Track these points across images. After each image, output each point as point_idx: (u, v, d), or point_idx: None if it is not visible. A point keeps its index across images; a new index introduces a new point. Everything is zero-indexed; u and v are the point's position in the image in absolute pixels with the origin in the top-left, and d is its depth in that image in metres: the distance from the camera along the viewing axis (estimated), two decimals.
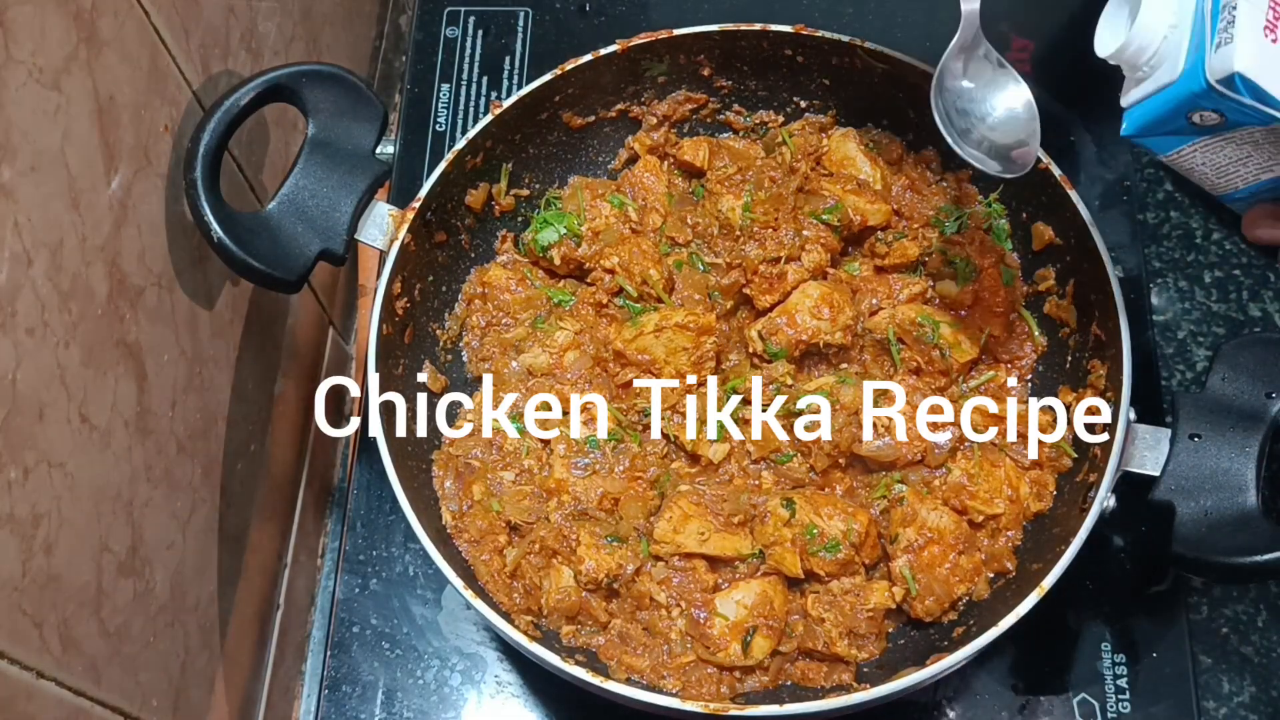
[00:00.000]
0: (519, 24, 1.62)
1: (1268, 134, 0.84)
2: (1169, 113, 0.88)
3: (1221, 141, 0.87)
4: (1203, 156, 0.90)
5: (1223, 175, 0.91)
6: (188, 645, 1.13)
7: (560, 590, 1.15)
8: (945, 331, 1.24)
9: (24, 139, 0.85)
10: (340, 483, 1.54)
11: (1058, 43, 1.53)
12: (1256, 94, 0.82)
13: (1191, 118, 0.87)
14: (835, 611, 1.14)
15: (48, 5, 0.89)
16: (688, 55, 1.36)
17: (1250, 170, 0.89)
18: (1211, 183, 0.93)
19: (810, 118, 1.39)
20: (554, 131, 1.37)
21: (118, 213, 1.00)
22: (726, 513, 1.17)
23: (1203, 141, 0.88)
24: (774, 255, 1.25)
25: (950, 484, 1.18)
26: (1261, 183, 0.89)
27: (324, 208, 1.20)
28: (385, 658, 1.27)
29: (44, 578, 0.88)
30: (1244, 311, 1.41)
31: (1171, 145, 0.90)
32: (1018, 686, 1.23)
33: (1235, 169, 0.90)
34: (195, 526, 1.15)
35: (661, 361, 1.23)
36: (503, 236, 1.37)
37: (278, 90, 1.18)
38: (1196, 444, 1.07)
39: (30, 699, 0.86)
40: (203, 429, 1.17)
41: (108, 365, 0.98)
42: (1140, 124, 0.90)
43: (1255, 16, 0.81)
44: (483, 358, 1.30)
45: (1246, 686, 1.24)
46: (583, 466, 1.22)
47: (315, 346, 1.51)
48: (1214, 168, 0.91)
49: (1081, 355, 1.22)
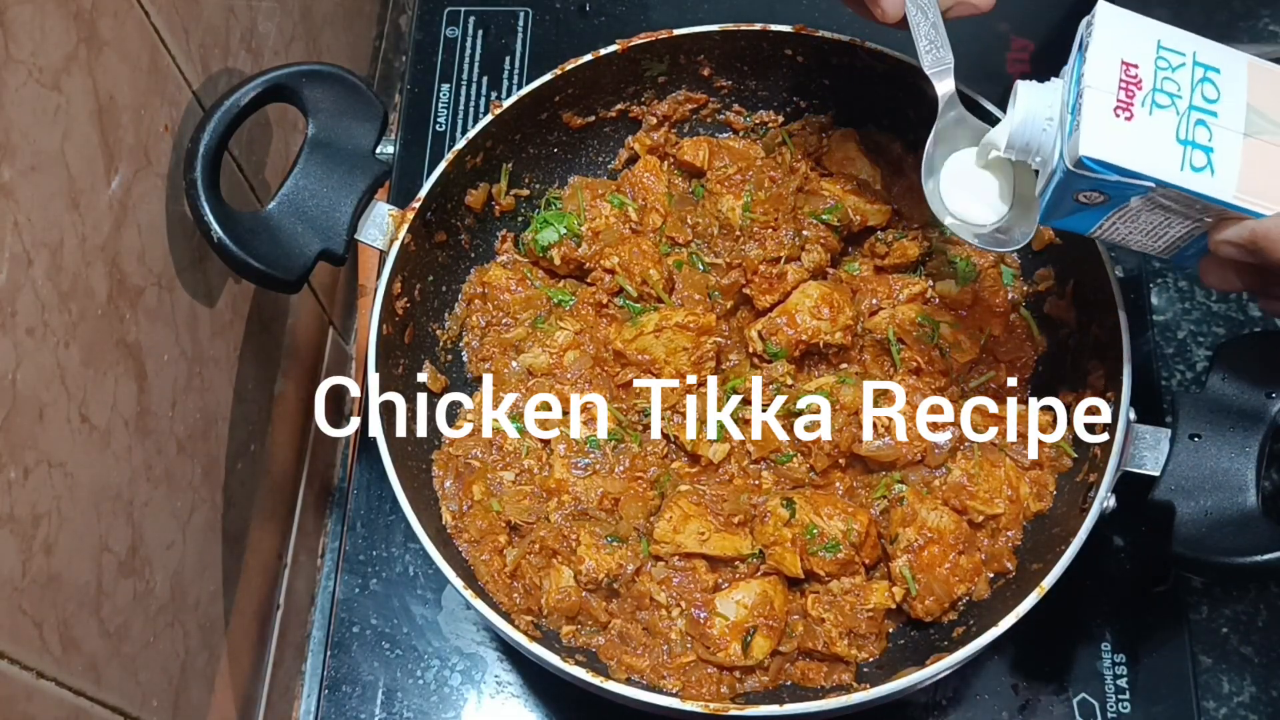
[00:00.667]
0: (519, 24, 1.62)
1: (1163, 195, 0.90)
2: (1060, 197, 0.96)
3: (1130, 211, 0.94)
4: (1125, 226, 0.97)
5: (1158, 239, 0.96)
6: (188, 645, 1.13)
7: (560, 590, 1.15)
8: (945, 331, 1.24)
9: (24, 139, 0.86)
10: (340, 483, 1.54)
11: (1058, 43, 1.53)
12: (1115, 170, 0.91)
13: (1079, 198, 0.95)
14: (835, 611, 1.14)
15: (48, 5, 0.89)
16: (688, 55, 1.36)
17: (1178, 231, 0.94)
18: (1154, 248, 0.98)
19: (810, 118, 1.39)
20: (554, 131, 1.37)
21: (118, 213, 1.00)
22: (726, 513, 1.17)
23: (1114, 214, 0.94)
24: (774, 255, 1.25)
25: (950, 484, 1.18)
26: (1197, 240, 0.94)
27: (324, 208, 1.20)
28: (385, 658, 1.27)
29: (44, 578, 0.88)
30: (1244, 311, 1.41)
31: (1089, 223, 0.99)
32: (1018, 686, 1.23)
33: (1164, 231, 0.96)
34: (195, 526, 1.15)
35: (661, 361, 1.23)
36: (503, 236, 1.37)
37: (278, 90, 1.18)
38: (1196, 444, 1.07)
39: (30, 699, 0.86)
40: (203, 429, 1.17)
41: (108, 365, 0.98)
42: (1047, 211, 0.99)
43: (1104, 100, 0.91)
44: (483, 358, 1.30)
45: (1246, 686, 1.24)
46: (583, 466, 1.22)
47: (315, 346, 1.51)
48: (1146, 234, 0.97)
49: (1081, 355, 1.22)
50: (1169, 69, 0.93)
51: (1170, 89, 0.92)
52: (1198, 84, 0.93)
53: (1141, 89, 0.92)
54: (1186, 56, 0.94)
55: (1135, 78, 0.92)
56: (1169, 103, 0.92)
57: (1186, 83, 0.93)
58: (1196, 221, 0.94)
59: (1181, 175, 0.90)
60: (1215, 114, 0.92)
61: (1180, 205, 0.92)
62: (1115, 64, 0.92)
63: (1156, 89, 0.92)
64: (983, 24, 1.14)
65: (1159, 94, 0.92)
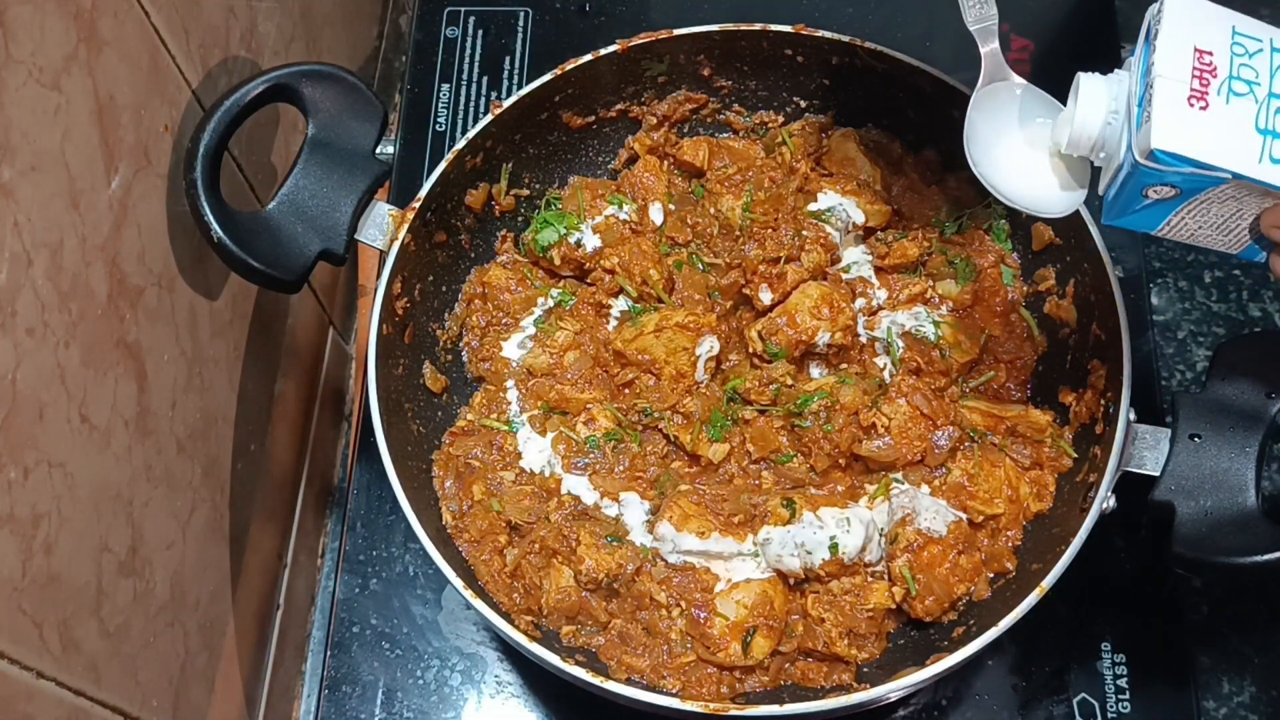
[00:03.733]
0: (519, 24, 1.62)
1: (1238, 188, 0.87)
2: (1129, 194, 0.91)
3: (1199, 205, 0.90)
4: (1194, 222, 0.93)
5: (1228, 233, 0.93)
6: (188, 645, 1.13)
7: (560, 590, 1.15)
8: (945, 331, 1.24)
9: (24, 139, 0.86)
10: (340, 483, 1.54)
11: (1058, 43, 1.53)
12: (1189, 162, 0.86)
13: (1147, 194, 0.91)
14: (835, 611, 1.14)
15: (48, 5, 0.89)
16: (688, 55, 1.36)
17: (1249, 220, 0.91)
18: (1222, 243, 0.94)
19: (810, 118, 1.39)
20: (554, 131, 1.37)
21: (118, 213, 1.00)
22: (726, 512, 1.17)
23: (1183, 209, 0.91)
24: (774, 255, 1.25)
25: (950, 484, 1.18)
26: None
27: (324, 208, 1.20)
28: (385, 658, 1.28)
29: (44, 578, 0.88)
30: (1244, 311, 1.42)
31: (1157, 219, 0.94)
32: (1018, 686, 1.23)
33: (1235, 223, 0.92)
34: (195, 526, 1.15)
35: (661, 361, 1.23)
36: (503, 236, 1.37)
37: (278, 90, 1.18)
38: (1196, 444, 1.07)
39: (30, 699, 0.86)
40: (203, 429, 1.17)
41: (108, 365, 0.98)
42: (1112, 208, 0.94)
43: (1176, 90, 0.86)
44: (483, 358, 1.30)
45: (1246, 686, 1.24)
46: (582, 466, 1.22)
47: (315, 346, 1.51)
48: (1215, 228, 0.93)
49: (1081, 355, 1.22)
50: (1246, 55, 0.88)
51: (1248, 76, 0.87)
52: (1277, 70, 0.88)
53: (1217, 77, 0.87)
54: (1264, 42, 0.89)
55: (1210, 65, 0.87)
56: (1247, 90, 0.86)
57: (1265, 69, 0.87)
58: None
59: (1260, 167, 0.85)
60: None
61: (1257, 198, 0.87)
62: (1188, 51, 0.87)
63: (1233, 76, 0.87)
64: None
65: (1236, 81, 0.86)
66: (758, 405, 1.23)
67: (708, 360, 1.24)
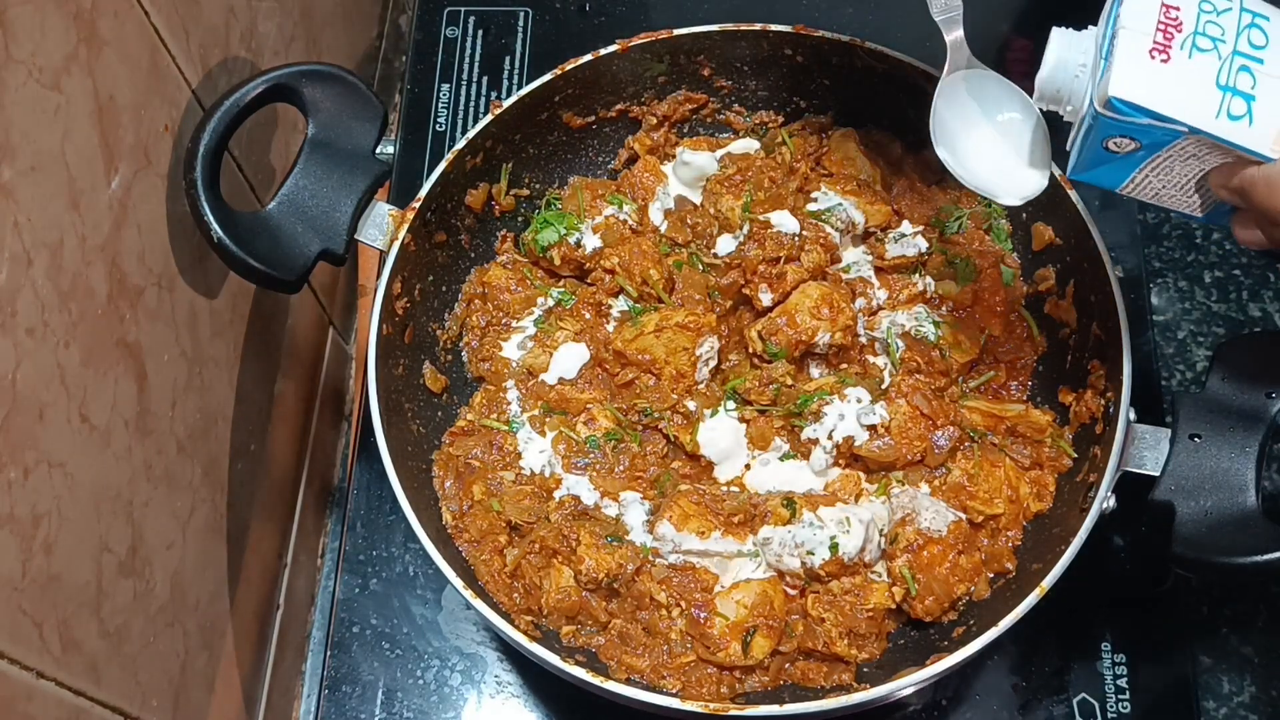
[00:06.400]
0: (519, 24, 1.62)
1: (1198, 145, 0.87)
2: (1091, 146, 0.92)
3: (1162, 162, 0.91)
4: (1158, 180, 0.93)
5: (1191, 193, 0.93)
6: (188, 645, 1.13)
7: (560, 590, 1.15)
8: (945, 331, 1.24)
9: (24, 139, 0.86)
10: (340, 483, 1.54)
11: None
12: (1146, 113, 0.87)
13: (1109, 145, 0.91)
14: (835, 611, 1.14)
15: (48, 5, 0.89)
16: (688, 55, 1.36)
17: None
18: (1189, 205, 0.95)
19: (810, 118, 1.39)
20: (554, 131, 1.37)
21: (118, 213, 1.00)
22: (726, 512, 1.17)
23: (1146, 166, 0.91)
24: (774, 255, 1.25)
25: (950, 484, 1.18)
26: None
27: (324, 208, 1.20)
28: (385, 658, 1.28)
29: (44, 578, 0.88)
30: (1244, 311, 1.42)
31: (1121, 175, 0.94)
32: (1018, 686, 1.23)
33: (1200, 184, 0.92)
34: (195, 526, 1.16)
35: (661, 361, 1.23)
36: (503, 236, 1.37)
37: (278, 90, 1.18)
38: (1196, 444, 1.07)
39: (30, 699, 0.86)
40: (203, 429, 1.17)
41: (108, 365, 0.98)
42: (1078, 163, 0.95)
43: (1139, 42, 0.87)
44: (483, 358, 1.30)
45: (1246, 686, 1.24)
46: (583, 466, 1.22)
47: (315, 346, 1.51)
48: (1179, 189, 0.93)
49: (1081, 355, 1.22)
50: (1214, 13, 0.88)
51: (1214, 33, 0.87)
52: (1244, 29, 0.88)
53: (1181, 31, 0.87)
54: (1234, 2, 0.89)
55: (1175, 20, 0.88)
56: (1210, 47, 0.87)
57: (1232, 27, 0.88)
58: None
59: (1217, 123, 0.86)
60: (1261, 60, 0.87)
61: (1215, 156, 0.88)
62: (1154, 5, 0.88)
63: (1198, 32, 0.87)
64: (982, 23, 1.14)
65: (1200, 37, 0.87)
66: (758, 405, 1.23)
67: (708, 360, 1.24)
